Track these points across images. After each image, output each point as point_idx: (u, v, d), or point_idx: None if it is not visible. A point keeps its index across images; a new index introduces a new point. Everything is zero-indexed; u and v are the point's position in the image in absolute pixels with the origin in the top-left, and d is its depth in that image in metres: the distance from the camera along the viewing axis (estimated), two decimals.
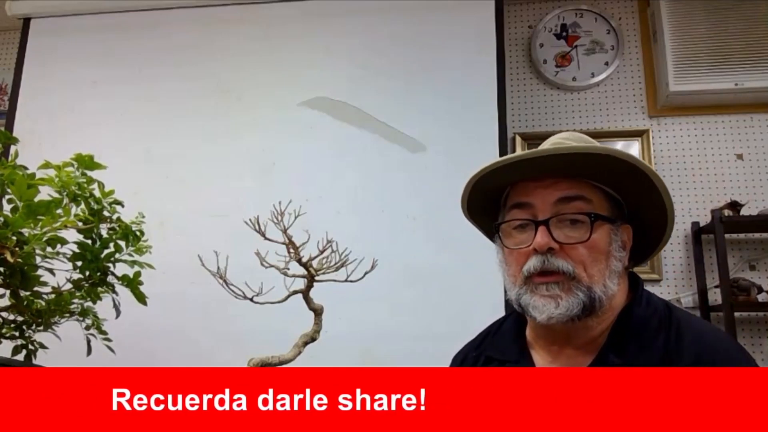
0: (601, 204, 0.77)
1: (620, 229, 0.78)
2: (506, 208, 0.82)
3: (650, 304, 0.78)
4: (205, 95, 2.14)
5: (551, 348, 0.81)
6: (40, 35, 2.30)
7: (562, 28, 2.51)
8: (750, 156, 2.32)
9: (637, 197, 0.78)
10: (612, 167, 0.74)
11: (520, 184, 0.80)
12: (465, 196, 0.85)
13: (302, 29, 2.16)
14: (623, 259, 0.78)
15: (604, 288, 0.74)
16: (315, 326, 0.83)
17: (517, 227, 0.79)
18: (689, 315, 0.79)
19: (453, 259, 1.88)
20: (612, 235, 0.76)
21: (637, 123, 2.41)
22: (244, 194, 2.00)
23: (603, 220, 0.75)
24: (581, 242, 0.73)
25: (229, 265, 0.80)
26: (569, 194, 0.75)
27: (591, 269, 0.73)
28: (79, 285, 0.88)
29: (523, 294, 0.77)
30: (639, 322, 0.76)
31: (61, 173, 0.81)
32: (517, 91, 2.51)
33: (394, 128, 2.02)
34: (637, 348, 0.73)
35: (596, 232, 0.74)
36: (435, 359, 0.96)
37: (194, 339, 1.89)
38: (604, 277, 0.74)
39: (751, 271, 2.23)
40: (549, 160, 0.74)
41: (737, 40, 2.29)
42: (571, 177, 0.76)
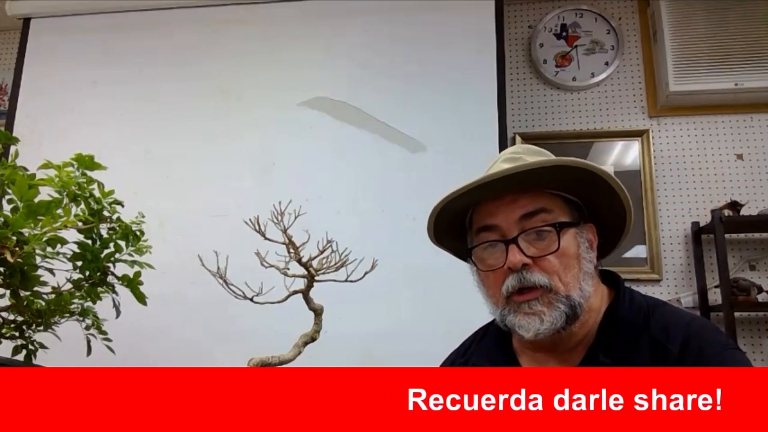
0: (562, 211, 0.79)
1: (585, 230, 0.80)
2: (473, 231, 0.84)
3: (633, 301, 0.80)
4: (205, 95, 2.14)
5: (536, 355, 0.83)
6: (40, 35, 2.30)
7: (562, 28, 2.51)
8: (750, 156, 2.32)
9: (593, 197, 0.80)
10: (566, 175, 0.77)
11: (482, 204, 0.82)
12: (430, 225, 0.87)
13: (302, 29, 2.16)
14: (592, 259, 0.80)
15: (581, 292, 0.76)
16: (315, 326, 0.83)
17: (488, 248, 0.81)
18: (670, 306, 0.80)
19: (453, 259, 1.86)
20: (578, 238, 0.78)
21: (637, 123, 2.41)
22: (244, 194, 2.00)
23: (567, 227, 0.77)
24: (552, 253, 0.75)
25: (229, 265, 0.80)
26: (530, 209, 0.77)
27: (565, 277, 0.76)
28: (79, 285, 0.88)
29: (507, 315, 0.78)
30: (625, 320, 0.77)
31: (61, 173, 0.81)
32: (517, 91, 2.51)
33: (394, 128, 2.02)
34: (625, 346, 0.75)
35: (563, 240, 0.76)
36: (435, 359, 0.96)
37: (194, 339, 1.89)
38: (579, 281, 0.76)
39: (751, 271, 2.23)
40: (506, 179, 0.76)
41: (737, 40, 2.29)
42: (530, 190, 0.78)
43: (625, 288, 0.82)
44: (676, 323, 0.74)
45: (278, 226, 0.80)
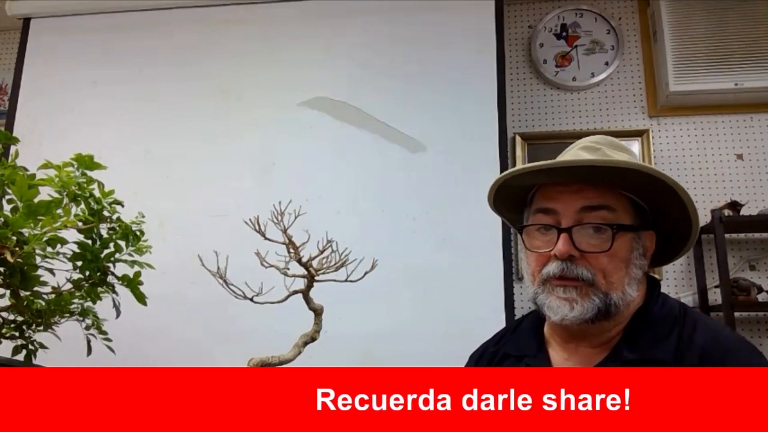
0: (625, 212, 0.78)
1: (643, 237, 0.79)
2: (531, 210, 0.83)
3: (665, 304, 0.79)
4: (205, 95, 2.14)
5: (567, 345, 0.82)
6: (40, 35, 2.30)
7: (562, 28, 2.51)
8: (750, 156, 2.32)
9: (661, 206, 0.79)
10: (639, 179, 0.75)
11: (546, 186, 0.81)
12: (491, 194, 0.87)
13: (302, 29, 2.16)
14: (643, 266, 0.79)
15: (622, 295, 0.75)
16: (315, 326, 0.83)
17: (540, 229, 0.80)
18: (705, 316, 0.80)
19: (453, 259, 1.88)
20: (633, 244, 0.77)
21: (637, 123, 2.41)
22: (244, 194, 2.00)
23: (626, 230, 0.76)
24: (602, 252, 0.74)
25: (229, 265, 0.80)
26: (594, 203, 0.76)
27: (611, 277, 0.75)
28: (79, 285, 0.88)
29: (540, 293, 0.79)
30: (653, 319, 0.77)
31: (61, 173, 0.81)
32: (517, 91, 2.51)
33: (394, 128, 2.02)
34: (650, 343, 0.74)
35: (617, 242, 0.75)
36: (435, 359, 0.96)
37: (194, 339, 1.89)
38: (623, 284, 0.75)
39: (751, 271, 2.23)
40: (577, 168, 0.75)
41: (737, 40, 2.29)
42: (597, 185, 0.77)
43: (660, 292, 0.82)
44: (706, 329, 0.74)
45: (278, 226, 0.80)
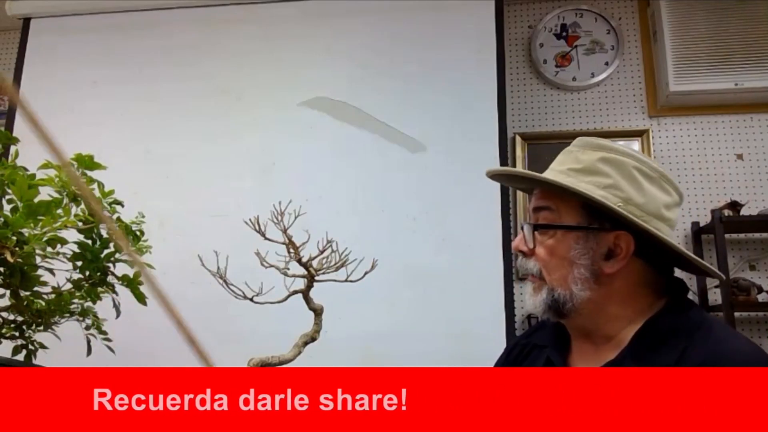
0: (572, 214, 0.80)
1: (597, 237, 0.78)
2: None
3: (685, 314, 0.77)
4: (205, 95, 2.14)
5: (577, 341, 0.86)
6: (40, 35, 2.30)
7: (562, 28, 2.51)
8: (750, 156, 2.32)
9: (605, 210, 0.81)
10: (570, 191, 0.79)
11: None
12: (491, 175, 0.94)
13: (302, 29, 2.16)
14: (590, 266, 0.78)
15: (569, 293, 0.78)
16: (315, 326, 0.83)
17: None
18: (728, 331, 0.76)
19: (453, 259, 1.88)
20: (577, 242, 0.78)
21: (637, 123, 2.41)
22: (244, 194, 2.00)
23: (569, 229, 0.79)
24: (529, 249, 0.82)
25: (229, 265, 0.80)
26: (539, 205, 0.84)
27: (552, 274, 0.80)
28: (79, 285, 0.88)
29: None
30: (664, 328, 0.75)
31: (62, 173, 0.81)
32: (517, 91, 2.51)
33: (394, 128, 2.02)
34: (653, 352, 0.73)
35: (554, 240, 0.80)
36: (435, 359, 0.96)
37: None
38: (568, 282, 0.78)
39: (751, 271, 2.23)
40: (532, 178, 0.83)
41: (737, 40, 2.29)
42: (546, 189, 0.84)
43: (684, 298, 0.81)
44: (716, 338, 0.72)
45: (278, 226, 0.80)
